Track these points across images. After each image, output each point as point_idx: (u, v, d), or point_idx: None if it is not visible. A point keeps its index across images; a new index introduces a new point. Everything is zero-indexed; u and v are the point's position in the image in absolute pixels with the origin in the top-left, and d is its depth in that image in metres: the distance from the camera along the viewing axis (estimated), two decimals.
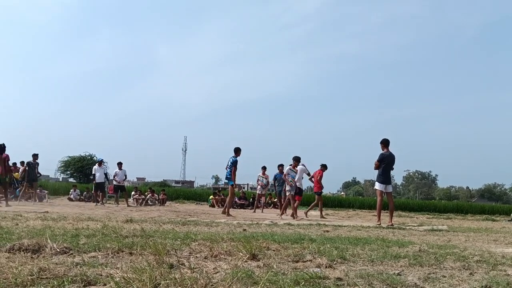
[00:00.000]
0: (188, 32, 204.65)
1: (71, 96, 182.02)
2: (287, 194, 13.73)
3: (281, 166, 16.42)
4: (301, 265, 3.65)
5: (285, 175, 13.58)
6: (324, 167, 15.40)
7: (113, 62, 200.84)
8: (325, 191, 13.00)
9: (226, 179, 13.34)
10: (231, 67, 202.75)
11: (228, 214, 12.62)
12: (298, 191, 13.67)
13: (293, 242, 5.14)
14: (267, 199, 24.28)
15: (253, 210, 18.48)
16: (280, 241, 5.07)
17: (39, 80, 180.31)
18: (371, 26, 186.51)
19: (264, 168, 18.26)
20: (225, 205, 13.63)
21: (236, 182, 13.79)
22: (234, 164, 13.00)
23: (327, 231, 7.56)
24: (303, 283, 2.78)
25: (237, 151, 13.15)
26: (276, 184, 17.21)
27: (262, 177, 18.25)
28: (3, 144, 12.90)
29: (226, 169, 13.21)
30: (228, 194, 13.88)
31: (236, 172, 13.06)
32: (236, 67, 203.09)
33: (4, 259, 3.28)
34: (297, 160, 13.50)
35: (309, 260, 3.87)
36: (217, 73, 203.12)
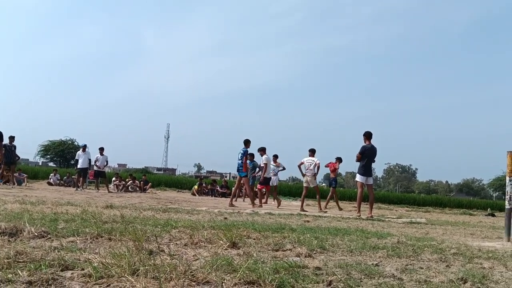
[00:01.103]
0: (176, 20, 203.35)
1: (54, 80, 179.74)
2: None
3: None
4: (281, 254, 3.66)
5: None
6: (339, 159, 15.51)
7: (99, 48, 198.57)
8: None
9: (237, 170, 13.20)
10: (218, 56, 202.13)
11: (254, 204, 12.62)
12: (264, 181, 13.69)
13: (273, 231, 5.15)
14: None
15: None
16: (260, 230, 5.08)
17: (21, 64, 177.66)
18: (360, 18, 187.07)
19: (275, 156, 17.38)
20: (232, 196, 13.56)
21: (218, 171, 13.79)
22: (245, 154, 13.03)
23: (308, 221, 7.61)
24: (282, 272, 2.79)
25: (247, 142, 13.16)
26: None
27: (274, 166, 17.28)
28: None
29: (238, 161, 13.11)
30: (234, 185, 13.75)
31: (219, 161, 13.15)
32: (223, 57, 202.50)
33: None
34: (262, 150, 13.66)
35: (289, 249, 3.89)
36: (204, 62, 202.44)
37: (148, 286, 2.27)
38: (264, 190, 15.49)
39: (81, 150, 18.93)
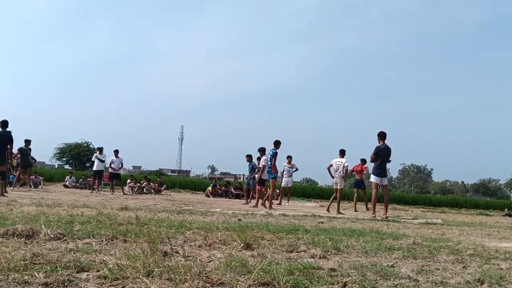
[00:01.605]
0: (188, 22, 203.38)
1: (69, 83, 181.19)
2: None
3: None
4: (295, 255, 3.65)
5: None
6: (363, 161, 15.46)
7: (112, 51, 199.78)
8: (321, 183, 13.24)
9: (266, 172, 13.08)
10: (231, 58, 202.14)
11: (270, 207, 12.42)
12: (260, 181, 13.68)
13: (287, 232, 5.14)
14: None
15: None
16: (274, 231, 5.08)
17: (37, 66, 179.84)
18: (370, 20, 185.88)
19: (289, 158, 17.16)
20: (265, 198, 13.46)
21: (232, 173, 13.77)
22: (274, 156, 12.97)
23: (322, 222, 7.58)
24: (297, 273, 2.78)
25: (277, 144, 13.05)
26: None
27: (288, 167, 17.13)
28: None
29: (268, 162, 12.97)
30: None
31: (236, 163, 13.08)
32: (236, 58, 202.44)
33: None
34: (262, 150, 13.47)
35: (303, 251, 3.87)
36: (216, 64, 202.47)
37: (162, 287, 2.28)
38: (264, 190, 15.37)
39: (97, 152, 19.09)
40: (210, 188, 23.68)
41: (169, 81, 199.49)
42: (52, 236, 3.74)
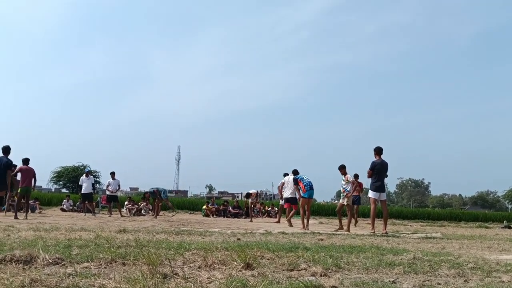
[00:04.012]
0: (182, 42, 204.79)
1: (64, 106, 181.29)
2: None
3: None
4: (295, 273, 3.63)
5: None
6: (357, 176, 15.36)
7: (107, 73, 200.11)
8: (319, 199, 13.24)
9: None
10: (226, 77, 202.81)
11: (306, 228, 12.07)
12: (292, 200, 13.56)
13: (287, 250, 5.11)
14: (260, 207, 24.29)
15: (249, 219, 18.31)
16: (274, 250, 5.05)
17: (32, 90, 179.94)
18: (364, 36, 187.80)
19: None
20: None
21: (230, 191, 13.85)
22: (295, 181, 13.38)
23: (322, 240, 7.54)
24: None
25: (295, 173, 13.73)
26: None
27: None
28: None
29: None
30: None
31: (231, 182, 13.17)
32: (231, 77, 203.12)
33: None
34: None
35: (304, 269, 3.85)
36: (211, 83, 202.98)
37: None
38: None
39: (84, 175, 18.92)
40: (205, 206, 23.67)
41: (165, 101, 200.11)
42: (51, 261, 3.71)
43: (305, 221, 12.14)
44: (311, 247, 5.72)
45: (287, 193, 15.26)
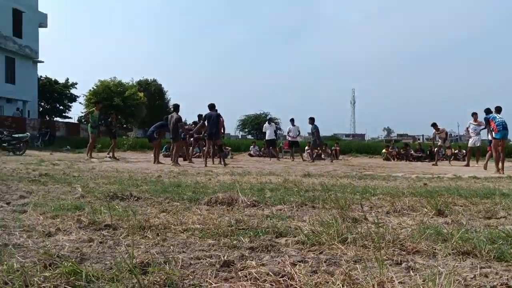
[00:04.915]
0: None
1: (246, 58, 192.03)
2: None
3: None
4: (494, 222, 3.39)
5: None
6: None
7: (280, 22, 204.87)
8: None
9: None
10: (399, 12, 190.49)
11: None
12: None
13: (482, 197, 4.78)
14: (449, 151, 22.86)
15: (433, 162, 17.39)
16: (467, 196, 4.76)
17: (215, 43, 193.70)
18: None
19: (475, 114, 15.67)
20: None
21: (410, 134, 13.11)
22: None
23: None
24: (499, 241, 2.58)
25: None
26: None
27: (475, 125, 15.57)
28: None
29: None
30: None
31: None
32: (405, 13, 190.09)
33: (204, 211, 3.70)
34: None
35: (503, 217, 3.59)
36: (386, 20, 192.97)
37: (358, 254, 2.34)
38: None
39: (267, 122, 20.01)
40: (385, 150, 23.19)
41: (338, 44, 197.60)
42: (249, 203, 4.09)
43: (500, 164, 11.12)
44: (509, 193, 5.24)
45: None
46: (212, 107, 13.32)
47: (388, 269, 2.02)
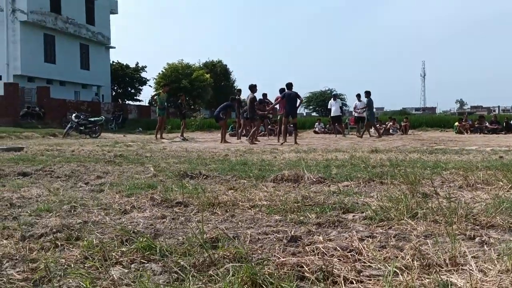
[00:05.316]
0: None
1: (308, 34, 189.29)
2: None
3: None
4: None
5: None
6: None
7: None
8: None
9: None
10: None
11: None
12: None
13: None
14: None
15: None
16: None
17: (278, 21, 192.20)
18: None
19: None
20: None
21: (484, 106, 12.44)
22: None
23: None
24: None
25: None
26: None
27: None
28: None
29: None
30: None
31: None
32: None
33: (271, 188, 3.75)
34: None
35: None
36: None
37: (429, 229, 2.28)
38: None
39: (332, 99, 19.73)
40: (457, 123, 22.20)
41: (405, 16, 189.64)
42: (315, 180, 4.08)
43: None
44: None
45: None
46: (290, 86, 13.34)
47: (461, 243, 1.96)
